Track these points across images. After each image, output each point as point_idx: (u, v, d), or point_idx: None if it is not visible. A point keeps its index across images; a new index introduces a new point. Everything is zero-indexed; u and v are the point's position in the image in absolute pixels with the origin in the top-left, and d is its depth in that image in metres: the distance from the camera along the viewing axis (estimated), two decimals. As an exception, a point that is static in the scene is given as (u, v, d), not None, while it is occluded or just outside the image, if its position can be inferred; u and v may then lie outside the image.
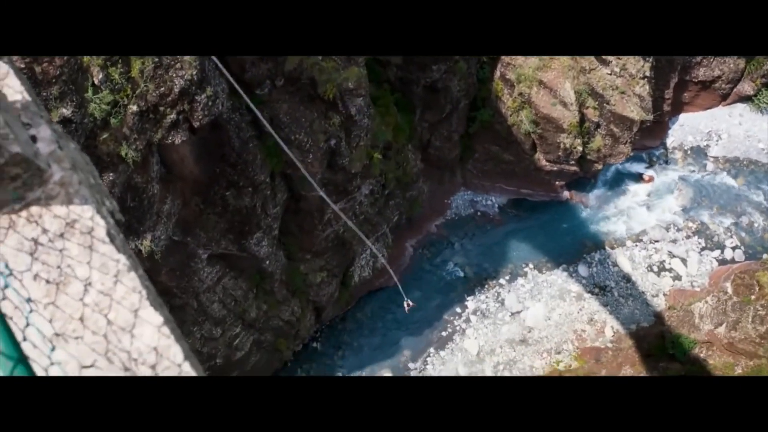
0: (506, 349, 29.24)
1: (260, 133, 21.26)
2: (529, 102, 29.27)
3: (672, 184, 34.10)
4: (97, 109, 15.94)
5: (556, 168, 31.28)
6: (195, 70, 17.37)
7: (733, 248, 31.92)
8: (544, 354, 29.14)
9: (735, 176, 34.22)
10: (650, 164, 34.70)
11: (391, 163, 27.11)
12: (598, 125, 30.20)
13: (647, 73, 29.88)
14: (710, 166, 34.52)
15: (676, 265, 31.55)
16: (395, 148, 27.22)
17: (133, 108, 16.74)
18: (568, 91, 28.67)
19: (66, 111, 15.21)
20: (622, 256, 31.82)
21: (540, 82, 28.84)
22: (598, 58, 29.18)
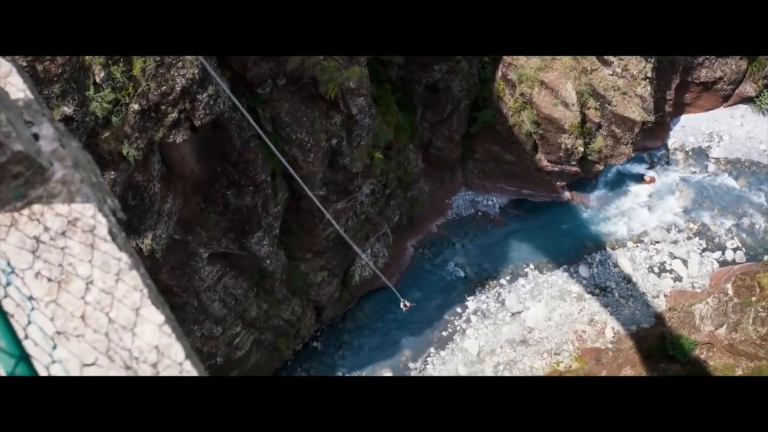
0: (506, 349, 29.23)
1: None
2: (530, 102, 29.25)
3: (673, 185, 34.06)
4: (99, 108, 15.95)
5: (557, 168, 31.25)
6: (197, 69, 17.37)
7: (734, 250, 31.89)
8: (545, 354, 29.12)
9: (736, 177, 34.18)
10: (651, 165, 34.66)
11: (392, 163, 27.10)
12: (599, 126, 30.17)
13: (649, 74, 29.85)
14: (711, 168, 34.49)
15: (677, 267, 31.53)
16: (396, 148, 27.21)
17: (135, 107, 16.75)
18: (569, 92, 28.65)
19: (67, 109, 15.22)
20: (622, 257, 31.80)
21: (541, 83, 28.83)
22: (600, 58, 29.15)
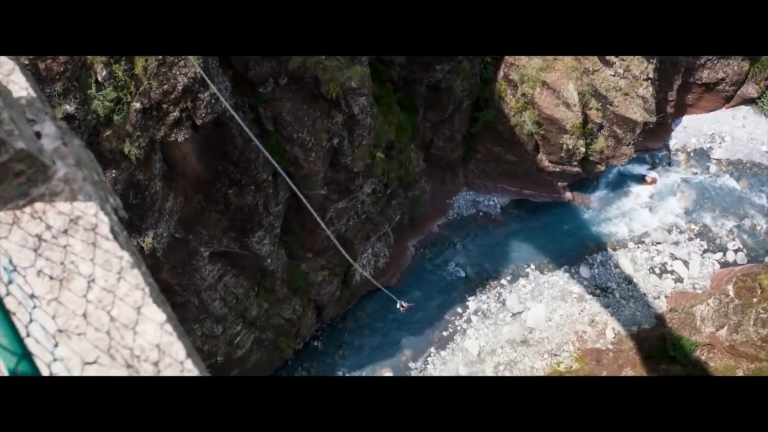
0: (507, 349, 29.22)
1: (263, 132, 21.27)
2: (532, 103, 29.24)
3: (674, 186, 34.03)
4: (101, 106, 15.96)
5: (558, 169, 31.23)
6: (198, 68, 17.37)
7: (736, 251, 31.85)
8: (545, 355, 29.10)
9: (738, 179, 34.14)
10: (653, 166, 34.63)
11: (393, 163, 27.10)
12: (601, 126, 30.15)
13: (651, 75, 29.81)
14: (713, 169, 34.45)
15: (678, 268, 31.49)
16: (398, 148, 27.21)
17: (137, 105, 16.76)
18: (571, 92, 28.62)
19: (69, 108, 15.23)
20: (623, 258, 31.77)
21: (543, 83, 28.81)
22: (602, 59, 29.13)
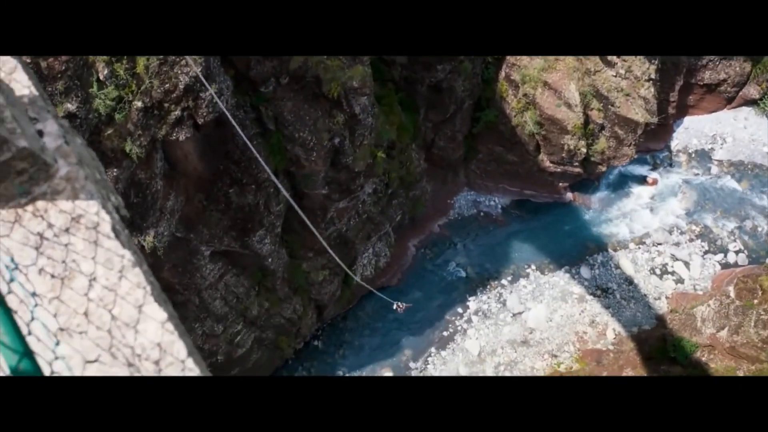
0: (507, 350, 29.21)
1: (264, 131, 21.27)
2: (533, 103, 29.22)
3: (676, 187, 34.01)
4: (102, 105, 15.97)
5: (559, 169, 31.22)
6: (200, 67, 17.37)
7: (737, 252, 31.82)
8: (545, 355, 29.10)
9: (739, 180, 34.12)
10: (654, 167, 34.61)
11: (394, 163, 27.09)
12: (602, 127, 30.13)
13: (652, 76, 29.80)
14: (714, 170, 34.43)
15: (679, 269, 31.48)
16: (399, 148, 27.20)
17: (138, 104, 16.77)
18: (572, 93, 28.61)
19: (71, 106, 15.24)
20: (624, 259, 31.75)
21: (545, 83, 28.80)
22: (604, 60, 29.11)
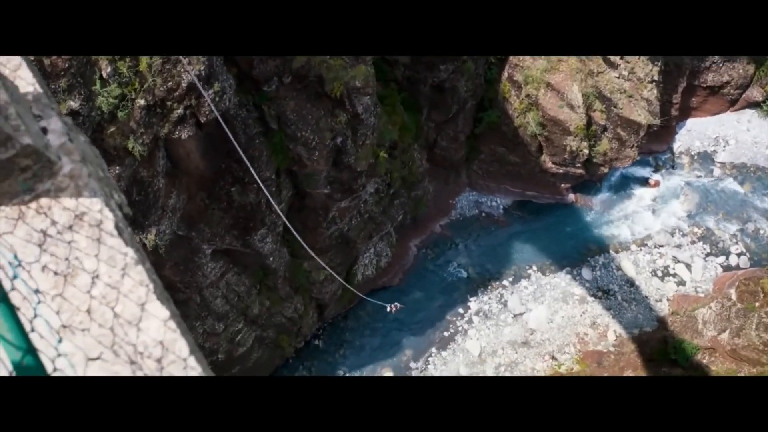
0: (508, 350, 29.20)
1: (266, 130, 21.28)
2: (536, 104, 29.20)
3: (678, 189, 33.97)
4: (105, 103, 15.99)
5: (561, 170, 31.19)
6: (203, 66, 17.39)
7: (738, 255, 31.77)
8: (546, 356, 29.08)
9: (741, 182, 34.07)
10: (656, 169, 34.57)
11: (396, 163, 27.09)
12: (605, 128, 30.10)
13: (655, 77, 29.76)
14: (717, 172, 34.38)
15: (681, 271, 31.43)
16: (401, 148, 27.20)
17: (141, 102, 16.79)
18: (575, 94, 28.58)
19: (74, 104, 15.27)
20: (626, 260, 31.72)
21: (547, 84, 28.77)
22: (607, 61, 29.08)
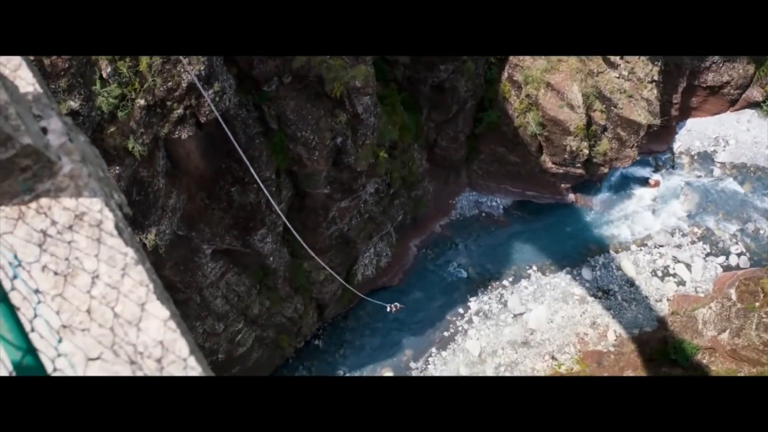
0: (508, 350, 29.20)
1: (266, 130, 21.28)
2: (536, 104, 29.20)
3: (678, 189, 33.97)
4: (105, 103, 15.99)
5: (561, 170, 31.19)
6: (203, 66, 17.40)
7: (738, 255, 31.77)
8: (546, 356, 29.08)
9: (741, 182, 34.06)
10: (656, 169, 34.57)
11: (396, 163, 27.09)
12: (605, 128, 30.10)
13: (655, 77, 29.75)
14: (717, 172, 34.38)
15: (681, 271, 31.43)
16: (401, 148, 27.20)
17: (141, 102, 16.79)
18: (575, 94, 28.58)
19: (74, 104, 15.27)
20: (626, 260, 31.72)
21: (547, 84, 28.77)
22: (607, 61, 29.08)
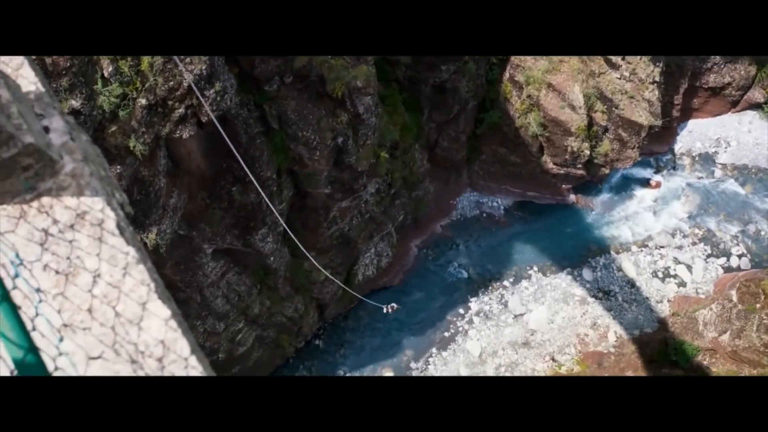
0: (508, 351, 29.19)
1: (267, 130, 21.29)
2: (537, 104, 29.19)
3: (679, 190, 33.94)
4: (106, 102, 16.00)
5: (562, 171, 31.18)
6: (204, 65, 17.41)
7: (739, 256, 31.74)
8: (547, 357, 29.07)
9: (743, 184, 34.03)
10: (658, 170, 34.54)
11: (397, 163, 27.09)
12: (606, 129, 30.08)
13: (657, 78, 29.73)
14: (718, 173, 34.34)
15: (681, 272, 31.41)
16: (402, 148, 27.19)
17: (142, 101, 16.79)
18: (576, 95, 28.57)
19: (75, 103, 15.27)
20: (626, 261, 31.70)
21: (549, 85, 28.76)
22: (608, 62, 29.06)
